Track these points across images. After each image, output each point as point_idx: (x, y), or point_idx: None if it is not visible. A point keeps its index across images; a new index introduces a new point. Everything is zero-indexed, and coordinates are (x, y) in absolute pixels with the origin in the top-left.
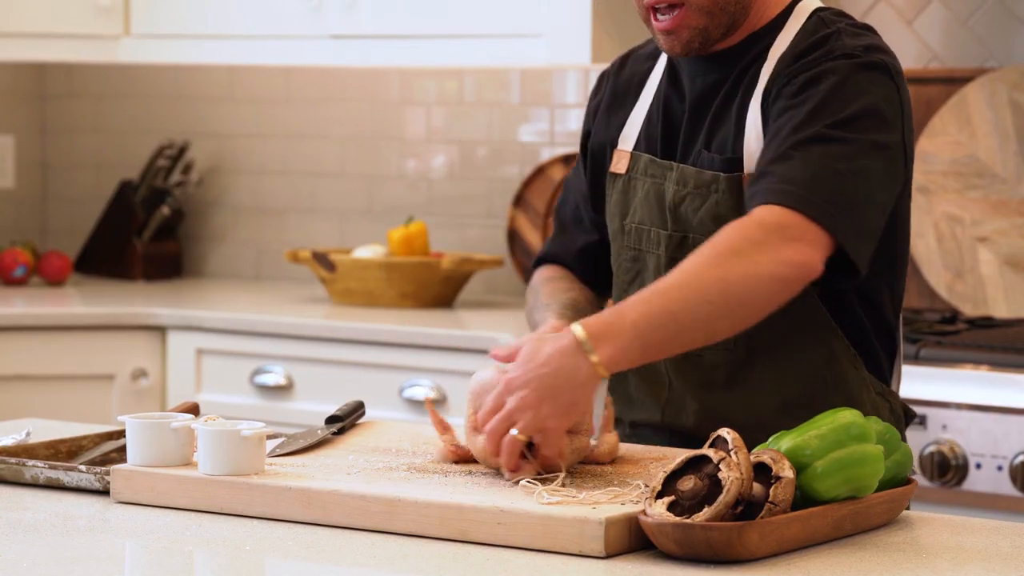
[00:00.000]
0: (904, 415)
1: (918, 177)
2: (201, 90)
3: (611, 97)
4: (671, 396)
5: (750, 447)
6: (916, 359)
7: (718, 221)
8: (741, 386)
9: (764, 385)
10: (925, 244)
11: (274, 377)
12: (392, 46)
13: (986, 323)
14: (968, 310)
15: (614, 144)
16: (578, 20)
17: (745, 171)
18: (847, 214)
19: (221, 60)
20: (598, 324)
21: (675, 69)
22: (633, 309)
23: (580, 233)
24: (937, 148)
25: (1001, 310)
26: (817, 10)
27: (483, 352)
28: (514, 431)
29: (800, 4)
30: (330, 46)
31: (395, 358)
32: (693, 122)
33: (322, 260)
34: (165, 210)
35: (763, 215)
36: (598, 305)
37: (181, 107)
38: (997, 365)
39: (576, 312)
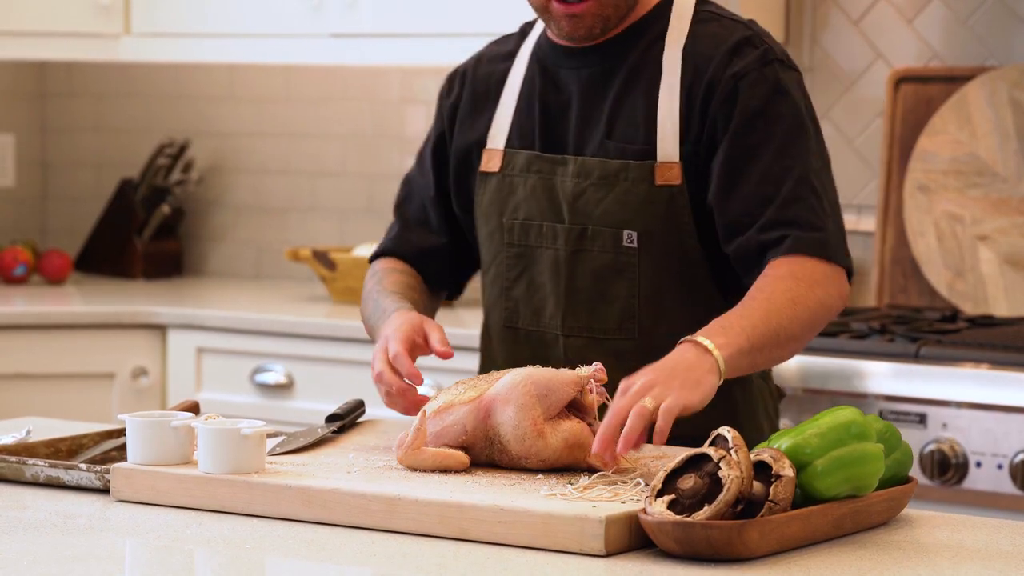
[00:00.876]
0: (778, 394)
1: (919, 176)
2: (201, 89)
3: (471, 99)
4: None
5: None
6: (916, 358)
7: (626, 210)
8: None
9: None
10: (925, 243)
11: (274, 376)
12: (392, 45)
13: (986, 322)
14: (968, 309)
15: (482, 144)
16: None
17: (659, 159)
18: (845, 243)
19: (221, 59)
20: (710, 326)
21: (545, 65)
22: (738, 321)
23: (425, 234)
24: (937, 147)
25: (1001, 309)
26: (700, 3)
27: None
28: (646, 400)
29: None
30: (330, 45)
31: None
32: (586, 114)
33: (322, 259)
34: (165, 209)
35: (815, 262)
36: (434, 306)
37: (181, 106)
38: (997, 364)
39: (418, 310)
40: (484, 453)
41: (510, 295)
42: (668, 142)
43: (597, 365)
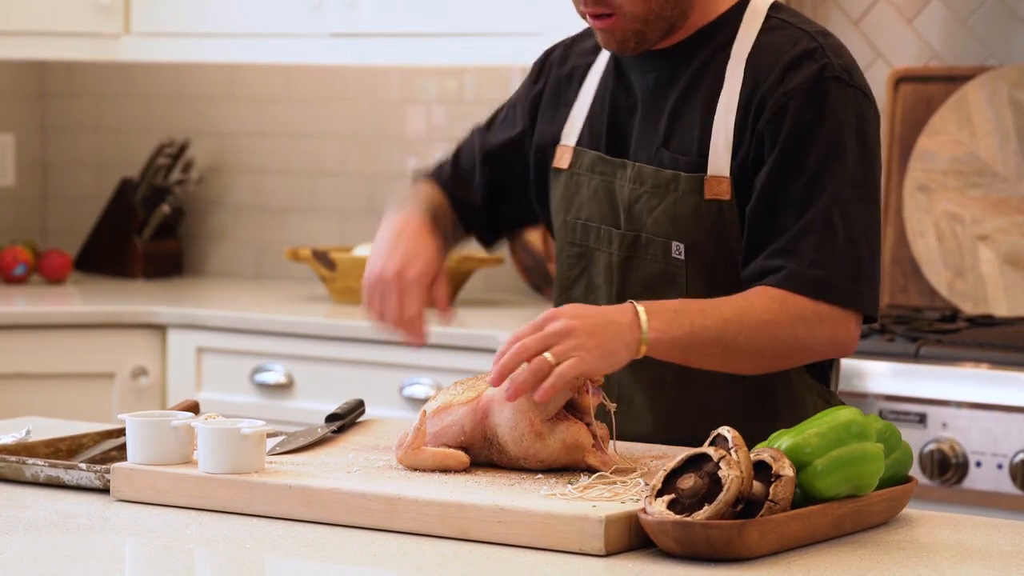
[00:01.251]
0: None
1: (919, 175)
2: (201, 89)
3: (554, 92)
4: (620, 393)
5: (697, 445)
6: (916, 357)
7: (675, 222)
8: (689, 384)
9: (711, 386)
10: (925, 243)
11: (274, 375)
12: (392, 45)
13: (986, 321)
14: (968, 308)
15: (556, 139)
16: (576, 18)
17: (709, 172)
18: (868, 285)
19: (221, 59)
20: (658, 306)
21: (620, 64)
22: (691, 315)
23: (466, 187)
24: (937, 147)
25: (1001, 308)
26: (774, 9)
27: (483, 350)
28: (548, 355)
29: (753, 1)
30: (330, 45)
31: (395, 356)
32: (647, 119)
33: (322, 258)
34: (165, 208)
35: (808, 300)
36: (460, 235)
37: (181, 105)
38: (997, 363)
39: (439, 220)
40: (483, 453)
41: (569, 294)
42: (720, 156)
43: None
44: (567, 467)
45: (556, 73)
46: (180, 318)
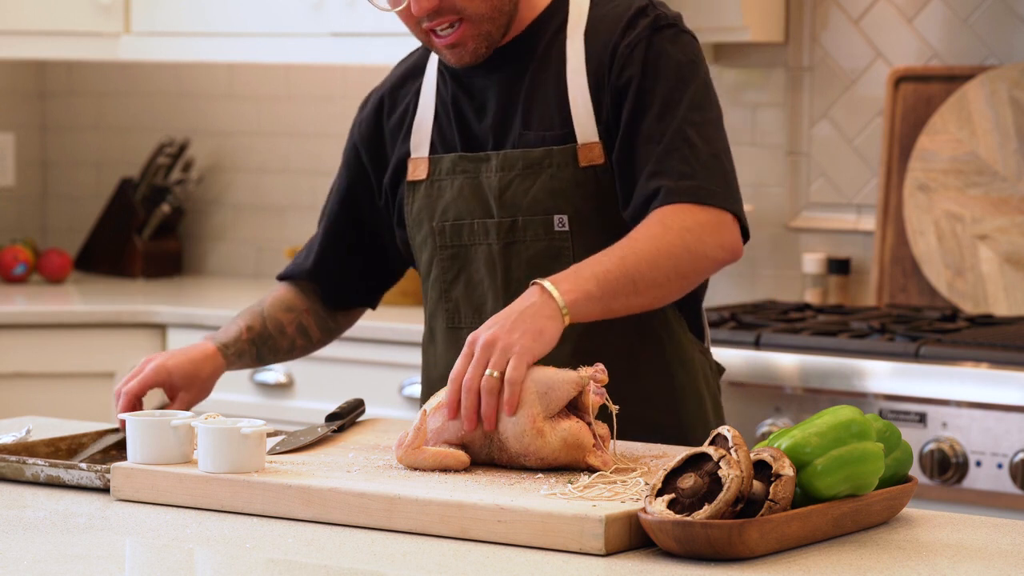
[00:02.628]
0: (717, 369)
1: (919, 175)
2: (201, 88)
3: (398, 121)
4: None
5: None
6: (916, 357)
7: (555, 195)
8: (584, 341)
9: (607, 343)
10: (925, 242)
11: (274, 375)
12: (393, 44)
13: (986, 321)
14: (968, 308)
15: (407, 155)
16: None
17: (579, 140)
18: (734, 191)
19: (221, 58)
20: (557, 276)
21: (456, 75)
22: (590, 267)
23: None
24: (937, 146)
25: (1001, 308)
26: None
27: None
28: (489, 372)
29: None
30: (331, 44)
31: (395, 356)
32: (502, 112)
33: None
34: (165, 208)
35: (690, 209)
36: (322, 325)
37: (181, 105)
38: (997, 363)
39: (240, 340)
40: (483, 451)
41: (450, 296)
42: (584, 123)
43: (598, 366)
44: (567, 466)
45: (388, 107)
46: (180, 318)
